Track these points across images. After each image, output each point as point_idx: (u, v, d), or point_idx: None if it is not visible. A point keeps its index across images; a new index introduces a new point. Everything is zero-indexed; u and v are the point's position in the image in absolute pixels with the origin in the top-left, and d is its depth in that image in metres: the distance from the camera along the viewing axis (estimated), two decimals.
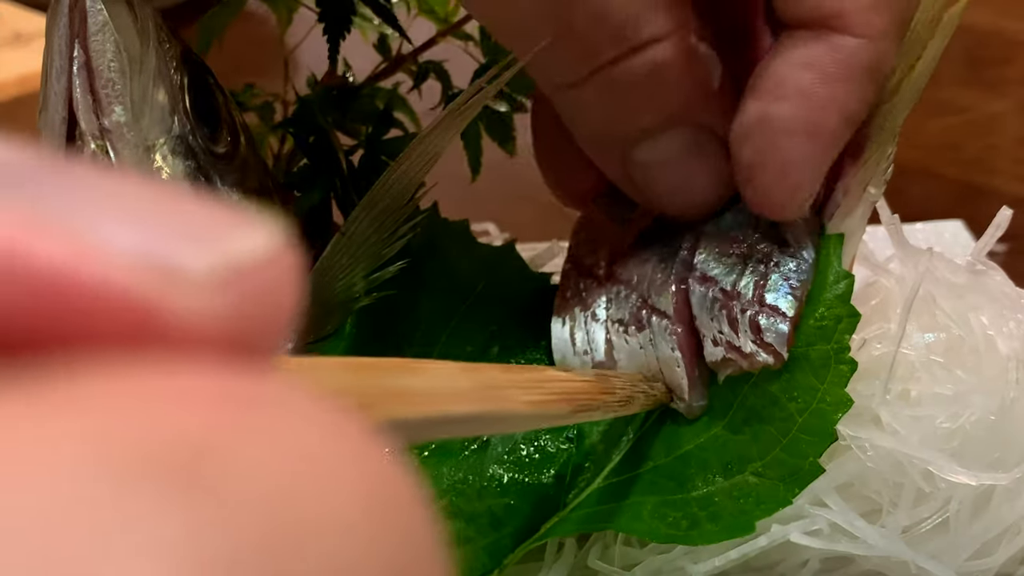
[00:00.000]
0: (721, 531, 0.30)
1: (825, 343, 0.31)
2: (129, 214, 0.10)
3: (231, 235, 0.10)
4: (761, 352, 0.30)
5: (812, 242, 0.32)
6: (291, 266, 0.11)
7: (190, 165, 0.30)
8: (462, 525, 0.32)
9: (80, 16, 0.28)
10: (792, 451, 0.30)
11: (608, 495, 0.32)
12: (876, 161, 0.32)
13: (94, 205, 0.10)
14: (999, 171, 0.62)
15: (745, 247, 0.32)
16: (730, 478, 0.31)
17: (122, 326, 0.10)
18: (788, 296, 0.31)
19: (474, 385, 0.19)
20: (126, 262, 0.10)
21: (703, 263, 0.32)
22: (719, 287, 0.31)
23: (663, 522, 0.31)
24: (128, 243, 0.10)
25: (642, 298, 0.32)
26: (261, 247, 0.10)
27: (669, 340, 0.31)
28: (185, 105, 0.31)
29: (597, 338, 0.33)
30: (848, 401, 0.30)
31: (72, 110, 0.29)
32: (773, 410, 0.31)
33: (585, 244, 0.35)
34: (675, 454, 0.32)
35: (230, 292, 0.10)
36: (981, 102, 0.68)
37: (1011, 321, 0.35)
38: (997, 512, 0.32)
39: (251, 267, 0.10)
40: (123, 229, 0.10)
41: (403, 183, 0.31)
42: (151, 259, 0.10)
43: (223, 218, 0.11)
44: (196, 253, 0.10)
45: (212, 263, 0.10)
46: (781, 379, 0.31)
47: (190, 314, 0.10)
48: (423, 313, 0.34)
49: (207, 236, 0.10)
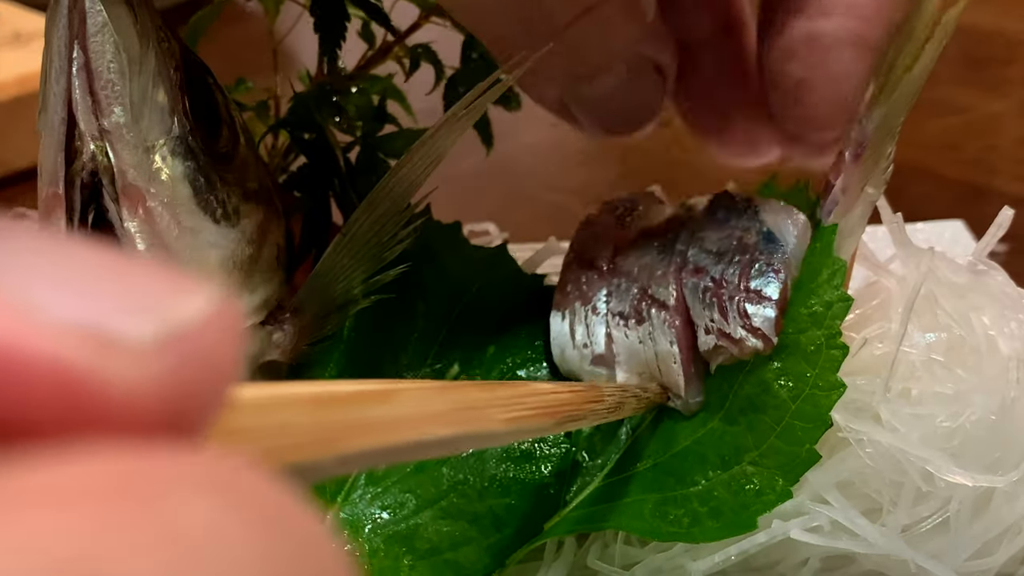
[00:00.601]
0: (723, 527, 0.30)
1: (816, 329, 0.31)
2: (66, 281, 0.10)
3: (169, 300, 0.10)
4: (751, 337, 0.31)
5: (795, 231, 0.32)
6: (231, 328, 0.11)
7: (190, 166, 0.30)
8: (464, 526, 0.32)
9: (79, 17, 0.28)
10: (787, 438, 0.30)
11: (608, 493, 0.32)
12: (875, 160, 0.32)
13: (30, 272, 0.10)
14: (999, 171, 0.62)
15: (732, 240, 0.33)
16: (728, 469, 0.31)
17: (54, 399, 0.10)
18: (772, 282, 0.31)
19: (450, 407, 0.19)
20: (59, 331, 0.10)
21: (695, 255, 0.33)
22: (708, 276, 0.32)
23: (664, 520, 0.31)
24: (63, 312, 0.10)
25: (643, 289, 0.33)
26: (200, 310, 0.10)
27: (667, 333, 0.32)
28: (185, 106, 0.31)
29: (597, 332, 0.33)
30: (841, 385, 0.30)
31: (71, 111, 0.29)
32: (766, 398, 0.31)
33: (590, 238, 0.35)
34: (673, 450, 0.32)
35: (168, 358, 0.10)
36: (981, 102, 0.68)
37: (1012, 321, 0.35)
38: (997, 512, 0.32)
39: (189, 331, 0.10)
40: (58, 297, 0.10)
41: (404, 185, 0.31)
42: (86, 328, 0.10)
43: (162, 283, 0.11)
44: (133, 320, 0.10)
45: (149, 330, 0.10)
46: (773, 366, 0.31)
47: (125, 383, 0.10)
48: (419, 316, 0.34)
49: (145, 303, 0.10)
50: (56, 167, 0.29)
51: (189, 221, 0.30)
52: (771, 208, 0.33)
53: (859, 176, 0.32)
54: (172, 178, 0.30)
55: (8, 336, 0.09)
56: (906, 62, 0.31)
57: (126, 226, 0.29)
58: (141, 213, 0.29)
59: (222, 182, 0.31)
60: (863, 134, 0.32)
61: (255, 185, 0.33)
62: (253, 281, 0.32)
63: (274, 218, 0.33)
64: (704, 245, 0.33)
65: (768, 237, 0.32)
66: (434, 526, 0.32)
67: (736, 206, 0.34)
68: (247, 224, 0.32)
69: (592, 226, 0.36)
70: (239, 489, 0.10)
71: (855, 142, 0.32)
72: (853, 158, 0.32)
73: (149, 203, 0.29)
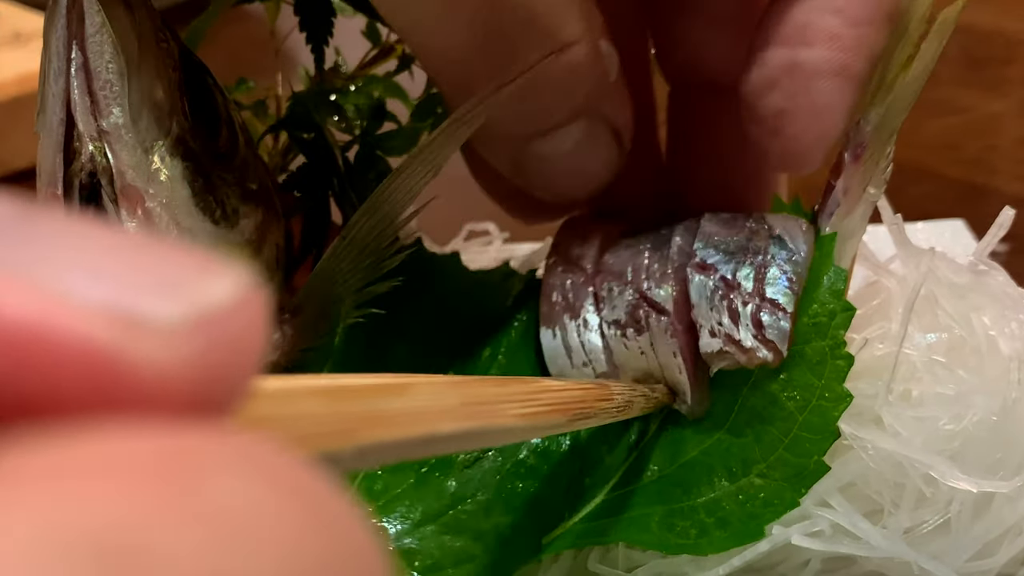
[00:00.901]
0: (730, 537, 0.30)
1: (820, 339, 0.31)
2: (96, 265, 0.10)
3: (198, 282, 0.10)
4: (762, 348, 0.30)
5: (804, 239, 0.32)
6: (259, 312, 0.11)
7: (188, 166, 0.30)
8: (468, 542, 0.31)
9: (78, 17, 0.28)
10: (795, 450, 0.30)
11: (614, 506, 0.32)
12: (876, 160, 0.32)
13: (59, 256, 0.10)
14: (999, 171, 0.62)
15: (743, 238, 0.32)
16: (735, 481, 0.31)
17: (86, 379, 0.10)
18: (787, 290, 0.31)
19: (463, 401, 0.18)
20: (90, 313, 0.10)
21: (702, 251, 0.32)
22: (719, 275, 0.31)
23: (671, 532, 0.30)
24: (93, 294, 0.10)
25: (639, 292, 0.32)
26: (229, 293, 0.10)
27: (670, 343, 0.31)
28: (184, 106, 0.30)
29: (594, 348, 0.32)
30: (847, 396, 0.30)
31: (70, 112, 0.28)
32: (773, 410, 0.31)
33: (573, 236, 0.35)
34: (680, 461, 0.31)
35: (197, 340, 0.10)
36: (981, 102, 0.68)
37: (1013, 322, 0.35)
38: (998, 513, 0.32)
39: (219, 314, 0.10)
40: (88, 280, 0.10)
41: (403, 192, 0.31)
42: (116, 309, 0.10)
43: (191, 265, 0.11)
44: (162, 302, 0.10)
45: (178, 312, 0.10)
46: (779, 378, 0.31)
47: (154, 364, 0.10)
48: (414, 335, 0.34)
49: (174, 284, 0.10)
50: (55, 168, 0.29)
51: (188, 222, 0.30)
52: (777, 217, 0.33)
53: (860, 177, 0.32)
54: (171, 179, 0.30)
55: (38, 317, 0.10)
56: (901, 60, 0.31)
57: (125, 227, 0.29)
58: (140, 214, 0.29)
59: (221, 183, 0.31)
60: (862, 135, 0.32)
61: (254, 186, 0.33)
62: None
63: (273, 219, 0.33)
64: (712, 240, 0.32)
65: (779, 241, 0.32)
66: (436, 541, 0.31)
67: (743, 214, 0.33)
68: (246, 225, 0.32)
69: (577, 223, 0.35)
70: (275, 470, 0.10)
71: (855, 143, 0.32)
72: (853, 159, 0.32)
73: (148, 204, 0.29)
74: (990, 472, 0.32)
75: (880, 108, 0.32)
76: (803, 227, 0.32)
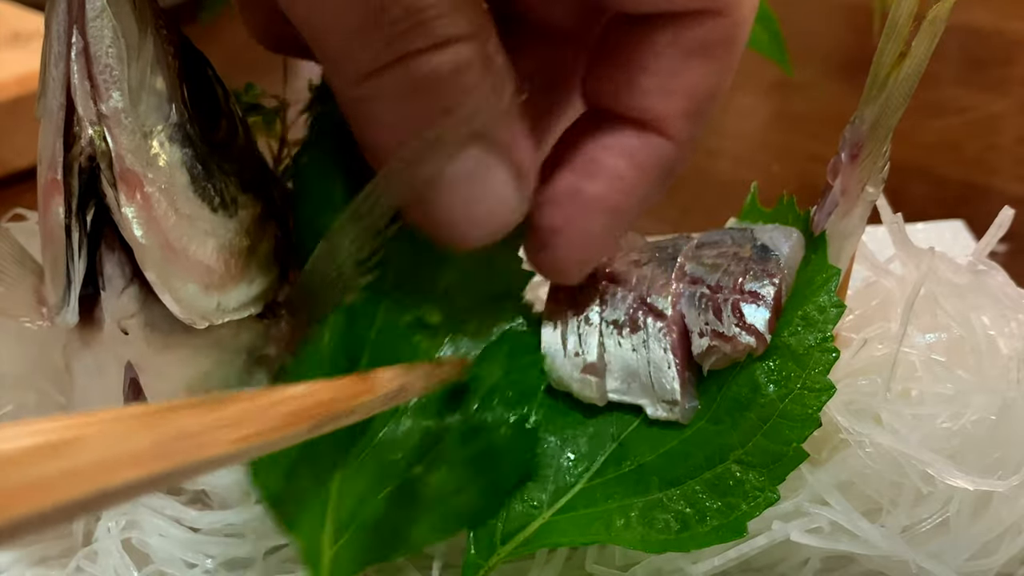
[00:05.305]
0: (711, 533, 0.30)
1: (808, 332, 0.31)
2: None
3: None
4: (744, 334, 0.31)
5: (788, 243, 0.33)
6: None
7: (187, 153, 0.30)
8: (450, 474, 0.31)
9: (79, 2, 0.28)
10: (773, 437, 0.30)
11: (593, 496, 0.32)
12: (873, 160, 0.32)
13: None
14: (999, 171, 0.62)
15: (728, 254, 0.33)
16: (712, 468, 0.31)
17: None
18: (766, 283, 0.31)
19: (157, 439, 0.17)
20: None
21: (692, 269, 0.33)
22: (705, 285, 0.32)
23: (652, 528, 0.31)
24: None
25: (640, 298, 0.33)
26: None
27: (663, 341, 0.32)
28: (183, 93, 0.30)
29: (590, 341, 0.33)
30: (831, 387, 0.30)
31: (70, 96, 0.28)
32: (754, 397, 0.31)
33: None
34: (660, 451, 0.32)
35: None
36: (981, 102, 0.68)
37: (1012, 321, 0.35)
38: (997, 513, 0.32)
39: None
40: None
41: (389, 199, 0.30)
42: None
43: None
44: None
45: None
46: (763, 366, 0.31)
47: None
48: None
49: None
50: (55, 152, 0.29)
51: (186, 208, 0.30)
52: (766, 229, 0.34)
53: (858, 176, 0.32)
54: (170, 164, 0.30)
55: None
56: (892, 57, 0.31)
57: (123, 211, 0.29)
58: (139, 198, 0.29)
59: (220, 171, 0.31)
60: (858, 134, 0.32)
61: (251, 176, 0.33)
62: (250, 272, 0.32)
63: (273, 212, 0.33)
64: (702, 260, 0.33)
65: (762, 249, 0.33)
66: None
67: (734, 230, 0.34)
68: (245, 215, 0.32)
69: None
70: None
71: (851, 142, 0.32)
72: (850, 159, 0.32)
73: (147, 188, 0.29)
74: (989, 471, 0.32)
75: (874, 106, 0.32)
76: (789, 235, 0.33)
